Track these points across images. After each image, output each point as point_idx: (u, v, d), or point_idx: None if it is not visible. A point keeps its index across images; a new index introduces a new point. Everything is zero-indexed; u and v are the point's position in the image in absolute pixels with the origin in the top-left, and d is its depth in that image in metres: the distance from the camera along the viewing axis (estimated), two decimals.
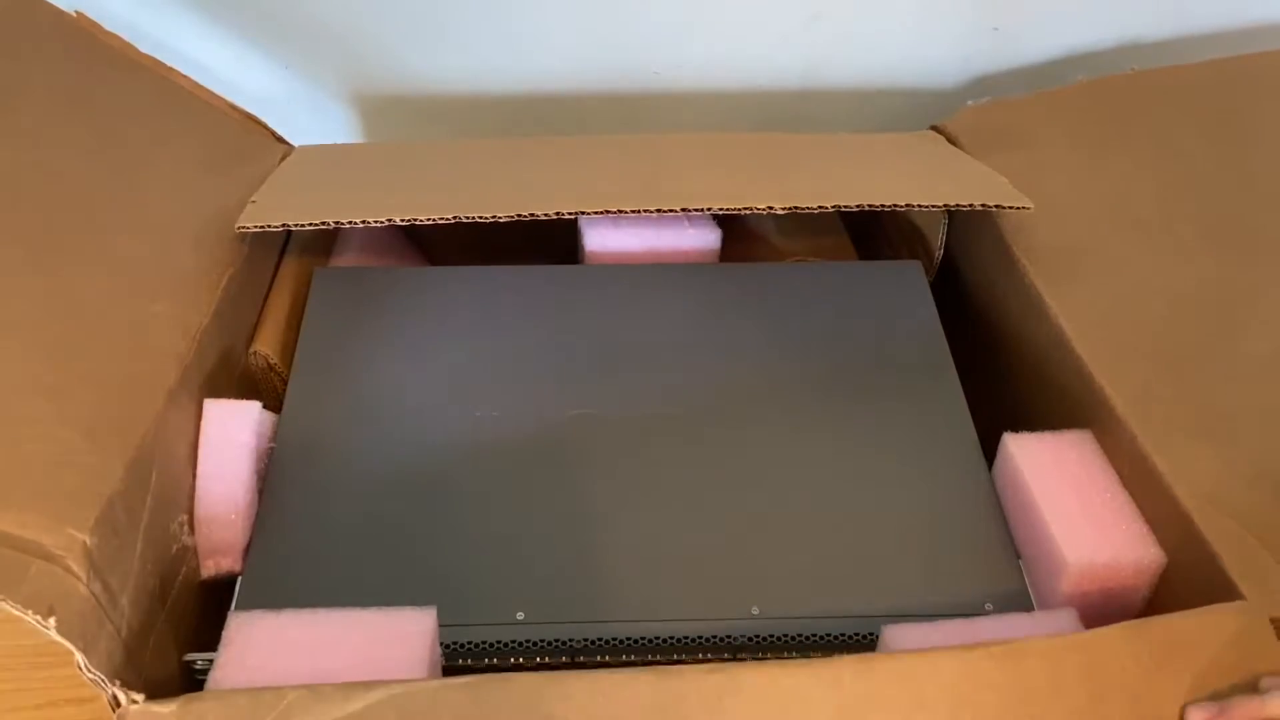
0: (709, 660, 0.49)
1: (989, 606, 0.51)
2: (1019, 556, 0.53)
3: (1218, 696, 0.42)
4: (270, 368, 0.63)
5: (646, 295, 0.66)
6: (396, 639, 0.45)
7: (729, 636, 0.50)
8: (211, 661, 0.45)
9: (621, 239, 0.71)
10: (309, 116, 0.87)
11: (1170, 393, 0.54)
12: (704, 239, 0.72)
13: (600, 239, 0.71)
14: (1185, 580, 0.49)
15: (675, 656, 0.50)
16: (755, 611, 0.51)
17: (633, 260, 0.72)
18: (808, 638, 0.50)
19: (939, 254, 0.72)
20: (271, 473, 0.56)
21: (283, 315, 0.66)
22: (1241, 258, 0.61)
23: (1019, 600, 0.51)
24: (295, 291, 0.68)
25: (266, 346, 0.63)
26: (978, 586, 0.52)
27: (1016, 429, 0.57)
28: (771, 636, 0.50)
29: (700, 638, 0.50)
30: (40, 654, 0.42)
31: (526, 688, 0.41)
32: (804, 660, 0.42)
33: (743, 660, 0.47)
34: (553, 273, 0.68)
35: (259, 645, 0.45)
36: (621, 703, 0.40)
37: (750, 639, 0.50)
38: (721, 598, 0.51)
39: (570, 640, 0.50)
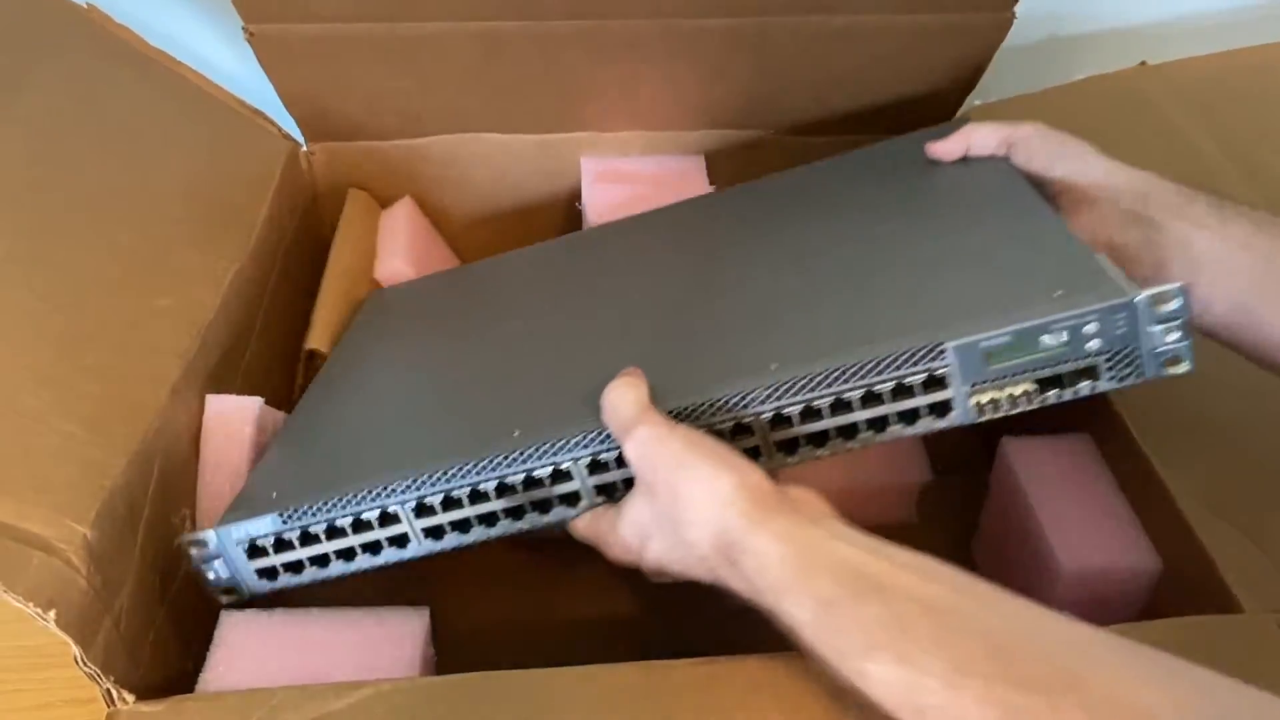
0: None
1: (1059, 293, 0.41)
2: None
3: None
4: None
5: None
6: (388, 639, 0.45)
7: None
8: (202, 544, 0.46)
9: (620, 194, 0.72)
10: None
11: (1170, 397, 0.54)
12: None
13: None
14: (1182, 587, 0.49)
15: None
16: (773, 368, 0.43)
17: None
18: None
19: None
20: None
21: (335, 315, 0.67)
22: None
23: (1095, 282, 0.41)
24: (347, 291, 0.69)
25: (322, 345, 0.64)
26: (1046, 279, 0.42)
27: (1015, 431, 0.56)
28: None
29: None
30: (40, 655, 0.43)
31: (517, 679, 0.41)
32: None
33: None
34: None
35: (250, 646, 0.45)
36: (610, 688, 0.40)
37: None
38: (743, 360, 0.45)
39: None
